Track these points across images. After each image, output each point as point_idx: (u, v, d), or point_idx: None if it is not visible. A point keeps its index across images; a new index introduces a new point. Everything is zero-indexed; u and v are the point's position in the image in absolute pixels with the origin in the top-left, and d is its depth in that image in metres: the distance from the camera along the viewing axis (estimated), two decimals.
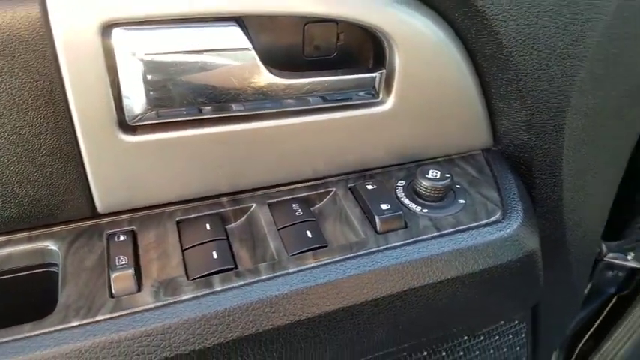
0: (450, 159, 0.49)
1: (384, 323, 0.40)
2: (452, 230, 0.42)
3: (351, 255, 0.39)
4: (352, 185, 0.45)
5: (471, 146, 0.49)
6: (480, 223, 0.43)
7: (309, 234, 0.40)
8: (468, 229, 0.42)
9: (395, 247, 0.40)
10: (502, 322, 0.56)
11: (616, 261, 0.76)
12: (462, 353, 0.56)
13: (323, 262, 0.38)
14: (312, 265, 0.38)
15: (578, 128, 0.48)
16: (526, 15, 0.41)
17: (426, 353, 0.53)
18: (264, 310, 0.35)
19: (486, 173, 0.47)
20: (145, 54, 0.34)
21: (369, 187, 0.44)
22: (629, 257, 0.76)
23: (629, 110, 0.52)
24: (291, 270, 0.37)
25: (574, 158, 0.50)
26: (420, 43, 0.41)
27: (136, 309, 0.34)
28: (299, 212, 0.42)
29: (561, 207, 0.53)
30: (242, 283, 0.36)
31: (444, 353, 0.54)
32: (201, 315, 0.34)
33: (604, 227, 0.77)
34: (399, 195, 0.44)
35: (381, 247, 0.40)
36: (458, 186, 0.46)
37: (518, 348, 0.61)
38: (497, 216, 0.43)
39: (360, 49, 0.43)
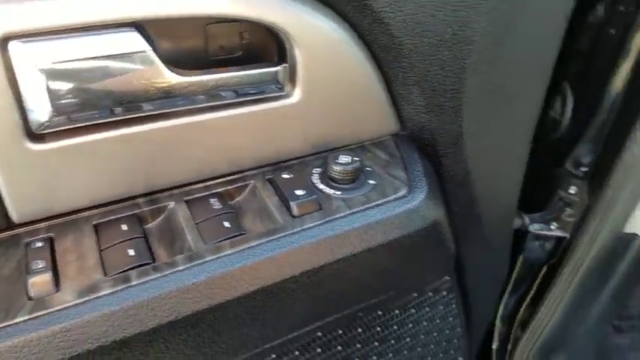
0: (362, 145, 0.52)
1: (305, 299, 0.43)
2: (362, 208, 0.45)
3: (268, 239, 0.41)
4: (270, 177, 0.47)
5: (380, 132, 0.52)
6: (388, 199, 0.46)
7: (227, 224, 0.42)
8: (377, 205, 0.45)
9: (310, 228, 0.43)
10: (431, 294, 0.59)
11: (542, 232, 0.81)
12: (395, 327, 0.59)
13: (240, 249, 0.40)
14: (230, 252, 0.40)
15: (476, 108, 0.52)
16: (412, 5, 0.44)
17: (360, 330, 0.56)
18: (182, 297, 0.37)
19: (395, 156, 0.51)
20: (45, 64, 0.36)
21: (286, 176, 0.46)
22: (552, 227, 0.81)
23: (526, 89, 0.57)
24: (208, 259, 0.39)
25: (475, 136, 0.54)
26: (319, 38, 0.44)
27: (55, 308, 0.35)
28: (217, 206, 0.44)
29: (470, 182, 0.57)
30: (159, 275, 0.38)
31: (378, 328, 0.57)
32: (119, 308, 0.36)
33: (527, 201, 0.82)
34: (314, 181, 0.47)
35: (297, 229, 0.43)
36: (369, 168, 0.49)
37: (451, 319, 0.65)
38: (404, 192, 0.47)
39: (265, 46, 0.46)
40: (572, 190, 0.78)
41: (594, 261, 0.77)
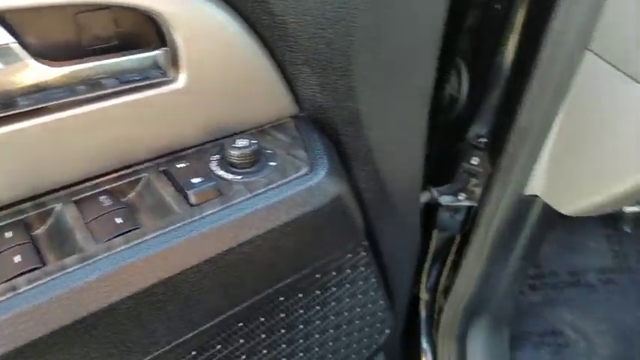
0: (262, 129, 0.52)
1: (212, 288, 0.42)
2: (264, 190, 0.45)
3: (165, 231, 0.40)
4: (164, 168, 0.46)
5: (279, 115, 0.53)
6: (290, 178, 0.46)
7: (119, 221, 0.40)
8: (278, 186, 0.45)
9: (210, 215, 0.42)
10: (349, 271, 0.61)
11: (451, 204, 0.85)
12: (318, 307, 0.60)
13: (135, 243, 0.39)
14: (123, 247, 0.39)
15: (369, 85, 0.54)
16: None
17: (283, 315, 0.56)
18: (75, 299, 0.35)
19: (296, 137, 0.51)
20: None
21: (181, 165, 0.45)
22: (461, 198, 0.86)
23: (417, 64, 0.59)
24: (100, 257, 0.38)
25: (372, 114, 0.56)
26: (198, 21, 0.43)
27: None
28: (108, 203, 0.42)
29: (373, 159, 0.59)
30: (49, 279, 0.36)
31: (301, 311, 0.58)
32: (6, 318, 0.33)
33: (436, 175, 0.86)
34: (212, 168, 0.47)
35: (196, 217, 0.42)
36: (269, 151, 0.49)
37: (372, 293, 0.67)
38: (305, 170, 0.47)
39: (144, 32, 0.44)
40: (475, 161, 0.83)
41: (502, 225, 0.82)
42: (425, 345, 0.96)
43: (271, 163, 0.48)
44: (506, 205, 0.79)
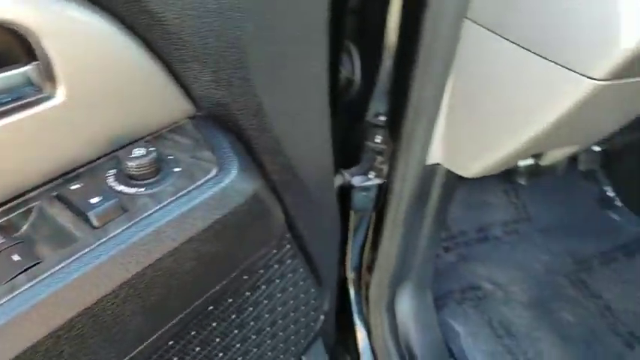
0: (159, 134, 0.49)
1: (137, 311, 0.39)
2: (173, 199, 0.42)
3: (69, 261, 0.36)
4: (57, 192, 0.41)
5: (174, 117, 0.50)
6: (199, 182, 0.44)
7: (17, 258, 0.36)
8: (188, 192, 0.43)
9: (117, 235, 0.39)
10: (276, 267, 0.60)
11: (363, 184, 0.88)
12: (251, 309, 0.59)
13: (39, 280, 0.35)
14: (27, 286, 0.34)
15: (266, 77, 0.53)
16: None
17: (215, 324, 0.54)
18: None
19: (197, 138, 0.49)
20: None
21: (76, 186, 0.41)
22: (371, 177, 0.88)
23: (309, 51, 0.59)
24: (3, 301, 0.33)
25: (274, 105, 0.55)
26: (71, 29, 0.39)
27: None
28: (1, 240, 0.37)
29: (283, 150, 0.58)
30: None
31: (233, 316, 0.56)
32: None
33: (345, 158, 0.88)
34: (111, 184, 0.43)
35: (103, 240, 0.38)
36: (171, 157, 0.46)
37: (302, 283, 0.67)
38: (214, 172, 0.45)
39: (11, 48, 0.39)
40: (378, 139, 0.85)
41: (411, 196, 0.86)
42: (358, 322, 0.99)
43: (176, 170, 0.45)
44: (412, 177, 0.83)
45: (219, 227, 0.44)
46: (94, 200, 0.40)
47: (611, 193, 1.40)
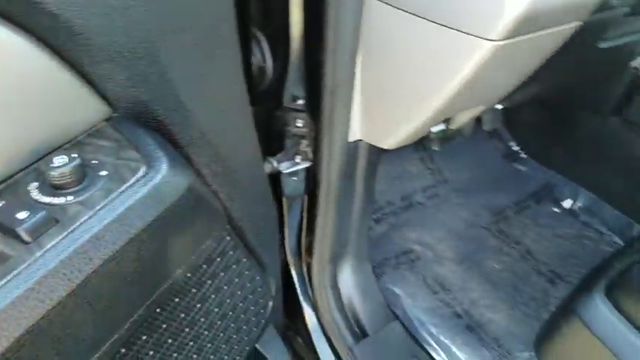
0: (77, 141, 0.47)
1: (87, 320, 0.38)
2: (105, 203, 0.41)
3: (7, 280, 0.35)
4: None
5: (92, 121, 0.48)
6: (130, 183, 0.43)
7: None
8: (119, 194, 0.42)
9: (52, 248, 0.37)
10: (219, 260, 0.60)
11: (290, 169, 0.89)
12: (199, 305, 0.58)
13: None
14: None
15: (181, 70, 0.52)
16: None
17: (165, 326, 0.53)
18: None
19: (118, 139, 0.48)
20: None
21: None
22: (298, 161, 0.90)
23: (220, 41, 0.59)
24: None
25: (193, 98, 0.54)
26: None
27: None
28: None
29: (209, 142, 0.58)
30: None
31: (182, 315, 0.55)
32: None
33: (271, 146, 0.89)
34: (36, 197, 0.41)
35: (38, 255, 0.37)
36: (94, 161, 0.45)
37: (247, 272, 0.67)
38: (143, 171, 0.45)
39: None
40: (300, 123, 0.87)
41: (339, 175, 0.88)
42: (304, 303, 1.01)
43: (102, 173, 0.44)
44: (337, 156, 0.85)
45: (158, 225, 0.43)
46: (21, 216, 0.38)
47: (515, 148, 1.53)
